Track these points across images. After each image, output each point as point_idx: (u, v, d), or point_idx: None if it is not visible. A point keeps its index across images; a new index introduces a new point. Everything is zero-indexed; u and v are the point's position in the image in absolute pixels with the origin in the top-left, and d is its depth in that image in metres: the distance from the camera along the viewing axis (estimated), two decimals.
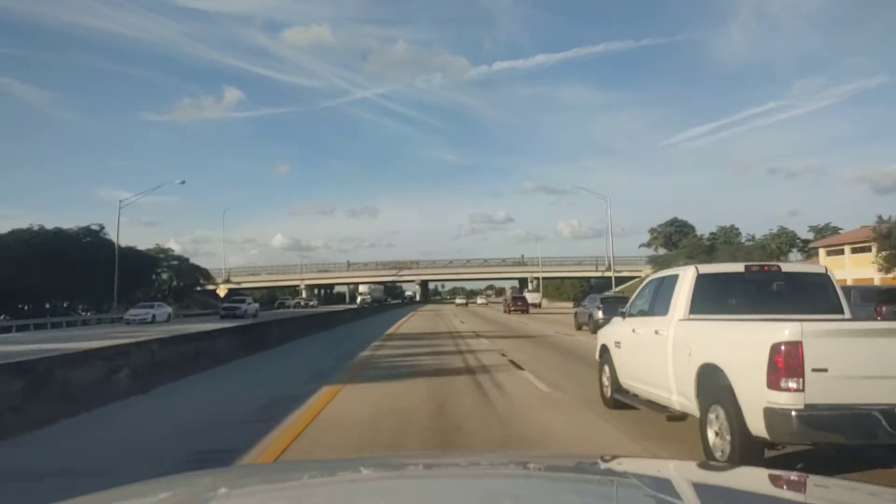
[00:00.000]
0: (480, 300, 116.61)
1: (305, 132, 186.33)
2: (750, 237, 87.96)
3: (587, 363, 10.88)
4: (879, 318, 13.35)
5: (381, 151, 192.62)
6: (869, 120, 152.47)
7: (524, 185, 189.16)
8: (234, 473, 2.59)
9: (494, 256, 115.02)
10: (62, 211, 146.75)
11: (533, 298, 66.34)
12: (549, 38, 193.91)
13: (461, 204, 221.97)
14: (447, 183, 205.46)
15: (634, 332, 7.11)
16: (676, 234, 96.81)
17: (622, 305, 8.22)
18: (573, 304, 47.15)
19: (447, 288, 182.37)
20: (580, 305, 27.95)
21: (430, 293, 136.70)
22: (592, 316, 22.42)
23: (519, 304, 50.86)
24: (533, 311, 54.24)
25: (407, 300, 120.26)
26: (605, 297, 25.43)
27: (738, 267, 6.77)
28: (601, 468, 2.14)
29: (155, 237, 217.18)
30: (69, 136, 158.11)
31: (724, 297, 6.32)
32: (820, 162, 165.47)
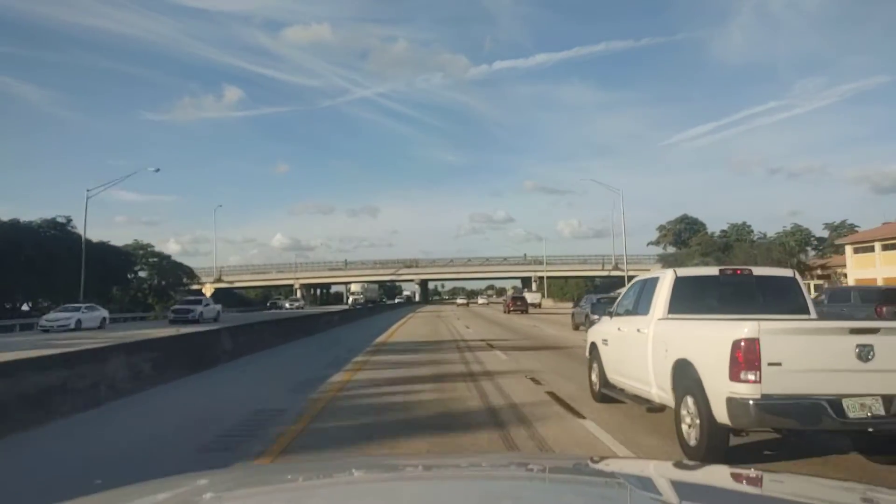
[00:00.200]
0: (481, 300, 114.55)
1: (305, 131, 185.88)
2: (761, 235, 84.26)
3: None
4: (879, 318, 12.80)
5: (380, 151, 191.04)
6: (870, 120, 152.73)
7: (524, 184, 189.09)
8: (233, 473, 2.52)
9: (496, 255, 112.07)
10: (61, 211, 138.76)
11: (533, 298, 66.28)
12: (549, 37, 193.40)
13: (461, 204, 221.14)
14: (447, 183, 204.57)
15: (619, 330, 7.56)
16: (686, 231, 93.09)
17: (611, 305, 8.63)
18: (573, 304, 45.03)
19: (447, 288, 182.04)
20: (577, 306, 27.99)
21: (429, 293, 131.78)
22: (589, 316, 21.50)
23: (518, 303, 51.14)
24: (533, 311, 53.65)
25: (404, 300, 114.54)
26: (599, 297, 24.89)
27: (713, 270, 7.49)
28: (602, 470, 2.15)
29: (155, 237, 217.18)
30: (69, 135, 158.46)
31: (700, 298, 6.74)
32: (820, 162, 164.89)
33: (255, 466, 4.19)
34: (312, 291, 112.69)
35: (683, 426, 5.63)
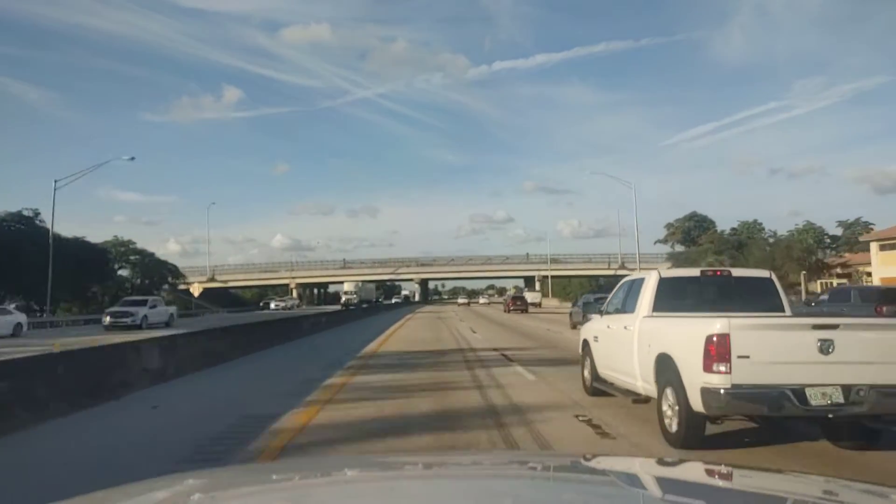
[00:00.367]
0: (482, 300, 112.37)
1: (305, 132, 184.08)
2: (772, 233, 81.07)
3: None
4: (879, 318, 12.19)
5: (380, 151, 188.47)
6: (870, 120, 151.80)
7: (524, 184, 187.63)
8: (233, 473, 2.44)
9: (497, 254, 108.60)
10: (60, 210, 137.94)
11: (533, 298, 66.80)
12: (549, 37, 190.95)
13: (461, 204, 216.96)
14: (447, 183, 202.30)
15: (609, 327, 8.00)
16: (696, 229, 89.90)
17: (602, 304, 9.01)
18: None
19: (447, 287, 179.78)
20: (575, 305, 27.89)
21: (429, 293, 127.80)
22: (586, 315, 19.68)
23: (518, 303, 52.05)
24: (533, 310, 53.86)
25: (402, 300, 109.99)
26: (597, 297, 23.99)
27: (694, 272, 8.03)
28: (602, 468, 2.14)
29: (155, 237, 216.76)
30: (68, 136, 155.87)
31: (682, 297, 7.24)
32: (820, 162, 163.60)
33: (254, 466, 3.98)
34: (309, 291, 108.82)
35: (665, 415, 6.07)
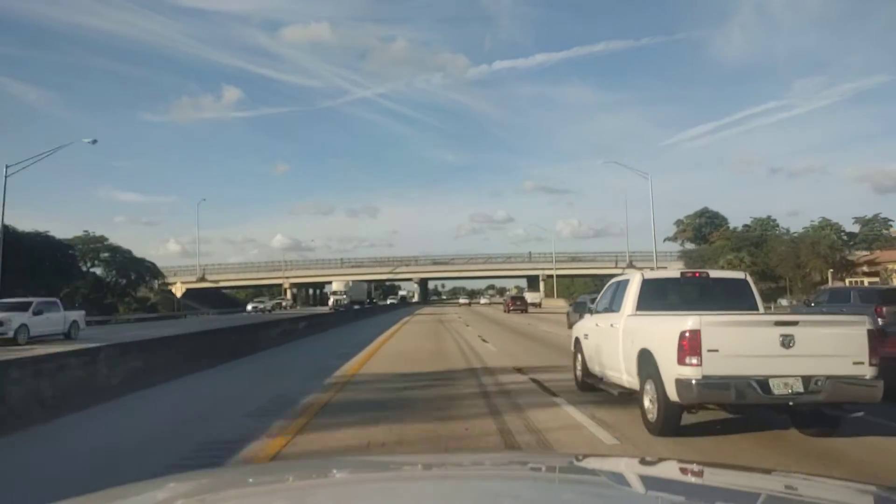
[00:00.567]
0: (484, 300, 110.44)
1: (305, 132, 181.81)
2: (785, 230, 76.87)
3: None
4: (880, 318, 12.88)
5: (380, 151, 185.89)
6: (870, 119, 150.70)
7: (524, 184, 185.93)
8: (233, 473, 2.58)
9: (498, 253, 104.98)
10: (60, 210, 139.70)
11: (533, 298, 65.91)
12: (549, 37, 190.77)
13: (461, 204, 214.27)
14: (447, 183, 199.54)
15: (597, 326, 8.61)
16: (707, 226, 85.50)
17: (592, 304, 9.41)
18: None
19: (447, 288, 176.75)
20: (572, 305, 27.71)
21: (429, 293, 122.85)
22: (581, 315, 17.99)
23: (518, 303, 52.08)
24: (533, 310, 53.28)
25: (399, 301, 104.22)
26: (593, 297, 19.57)
27: (675, 273, 8.53)
28: (604, 469, 2.14)
29: (155, 237, 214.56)
30: (67, 135, 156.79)
31: (663, 297, 7.77)
32: (821, 161, 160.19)
33: (254, 466, 4.22)
34: (305, 292, 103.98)
35: (646, 405, 6.56)
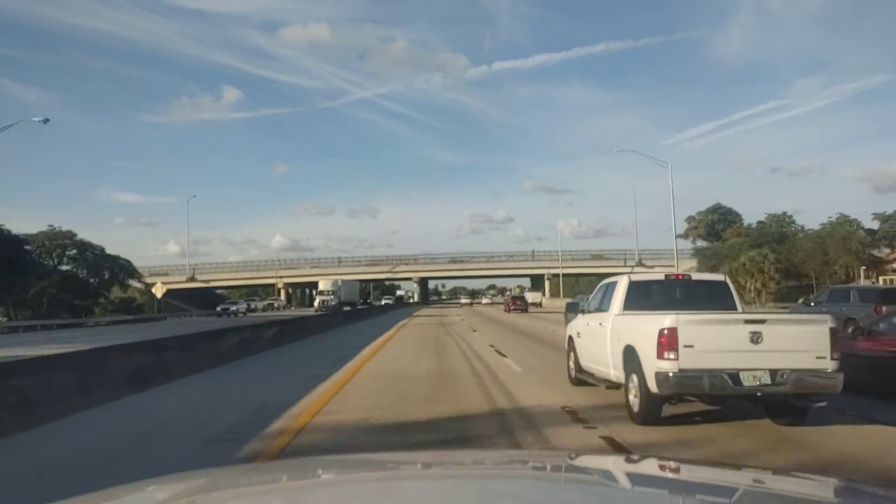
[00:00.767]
0: (485, 300, 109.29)
1: (304, 132, 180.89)
2: (799, 227, 72.95)
3: None
4: (879, 318, 12.50)
5: (380, 151, 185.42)
6: (870, 118, 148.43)
7: (524, 184, 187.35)
8: (233, 473, 2.42)
9: (501, 251, 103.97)
10: (59, 211, 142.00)
11: (533, 298, 66.42)
12: (549, 37, 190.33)
13: (461, 204, 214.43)
14: (447, 183, 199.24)
15: (588, 324, 9.12)
16: (720, 222, 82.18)
17: (584, 304, 10.19)
18: None
19: (448, 287, 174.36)
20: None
21: (429, 293, 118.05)
22: (575, 315, 16.72)
23: (518, 303, 53.33)
24: (533, 310, 53.73)
25: (395, 301, 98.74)
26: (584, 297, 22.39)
27: (659, 275, 9.37)
28: (604, 468, 2.16)
29: (154, 238, 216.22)
30: (67, 137, 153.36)
31: (648, 297, 8.39)
32: (821, 161, 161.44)
33: (254, 466, 4.04)
34: (301, 292, 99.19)
35: (630, 397, 7.11)
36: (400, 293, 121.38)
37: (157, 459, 6.05)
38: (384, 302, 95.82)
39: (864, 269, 51.56)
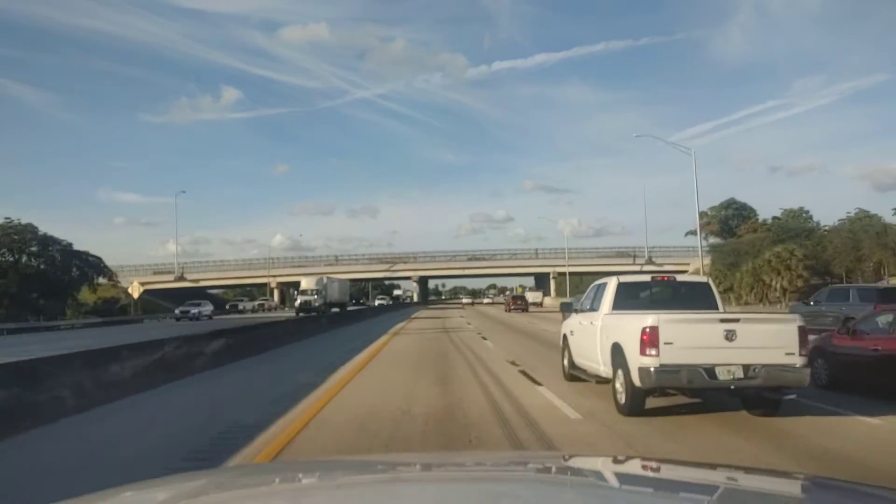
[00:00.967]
0: (487, 300, 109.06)
1: (304, 132, 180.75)
2: (816, 222, 68.97)
3: None
4: (864, 317, 13.04)
5: (380, 151, 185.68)
6: (870, 118, 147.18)
7: (524, 183, 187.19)
8: (233, 473, 2.49)
9: (503, 249, 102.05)
10: (59, 211, 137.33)
11: (534, 298, 66.02)
12: (549, 37, 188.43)
13: (461, 203, 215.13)
14: (447, 182, 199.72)
15: (580, 323, 9.73)
16: (735, 218, 79.12)
17: (577, 304, 10.83)
18: None
19: (448, 287, 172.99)
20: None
21: (428, 293, 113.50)
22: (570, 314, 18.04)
23: (518, 302, 53.62)
24: (534, 310, 54.21)
25: (389, 301, 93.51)
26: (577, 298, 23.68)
27: (646, 277, 9.98)
28: (604, 468, 2.18)
29: (154, 238, 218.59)
30: (67, 136, 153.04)
31: (635, 298, 8.99)
32: (821, 160, 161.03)
33: (254, 466, 4.01)
34: (294, 291, 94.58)
35: (616, 391, 7.73)
36: (397, 293, 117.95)
37: None
38: (378, 302, 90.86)
39: None
